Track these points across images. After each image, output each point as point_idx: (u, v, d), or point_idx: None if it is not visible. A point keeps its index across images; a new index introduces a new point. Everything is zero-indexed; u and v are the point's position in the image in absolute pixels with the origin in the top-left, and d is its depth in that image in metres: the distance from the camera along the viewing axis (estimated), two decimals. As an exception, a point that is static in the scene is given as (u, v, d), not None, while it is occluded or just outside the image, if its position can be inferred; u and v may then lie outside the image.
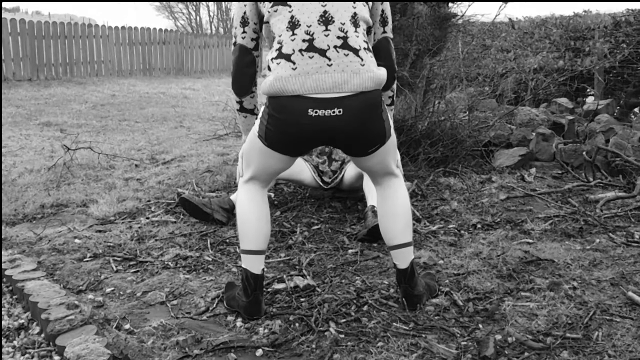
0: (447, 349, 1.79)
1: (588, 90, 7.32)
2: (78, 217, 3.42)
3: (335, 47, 1.81)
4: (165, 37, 13.54)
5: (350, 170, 3.40)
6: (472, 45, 5.35)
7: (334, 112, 1.80)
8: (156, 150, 5.46)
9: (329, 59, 1.80)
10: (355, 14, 1.86)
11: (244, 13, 1.96)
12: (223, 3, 29.95)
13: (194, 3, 30.59)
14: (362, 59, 1.83)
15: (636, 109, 7.31)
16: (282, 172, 3.09)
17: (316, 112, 1.79)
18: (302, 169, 3.45)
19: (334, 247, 2.79)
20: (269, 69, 1.89)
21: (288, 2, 1.85)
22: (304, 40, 1.82)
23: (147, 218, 3.32)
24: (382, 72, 1.88)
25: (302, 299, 2.19)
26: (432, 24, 4.33)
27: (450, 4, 4.38)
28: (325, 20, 1.83)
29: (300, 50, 1.81)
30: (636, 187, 3.57)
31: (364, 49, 1.85)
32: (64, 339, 1.83)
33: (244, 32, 1.97)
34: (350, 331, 1.92)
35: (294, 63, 1.81)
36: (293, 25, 1.83)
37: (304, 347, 1.85)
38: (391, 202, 2.07)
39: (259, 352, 1.83)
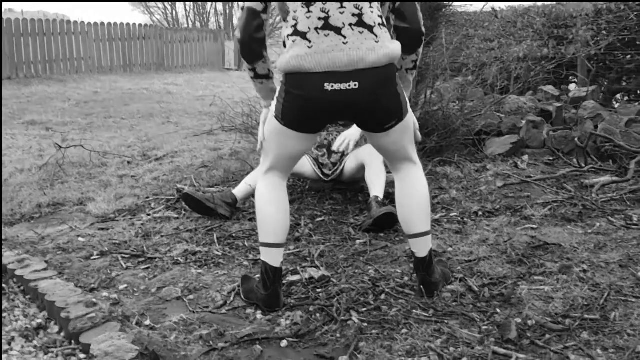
0: (471, 333, 1.82)
1: (571, 77, 7.43)
2: (77, 215, 3.39)
3: (350, 24, 1.83)
4: (145, 33, 13.38)
5: (351, 162, 3.42)
6: (461, 35, 5.40)
7: (349, 86, 1.82)
8: (147, 146, 5.42)
9: (345, 37, 1.82)
10: None
11: None
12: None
13: (170, -3, 30.28)
14: (376, 36, 1.85)
15: (618, 95, 7.45)
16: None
17: (332, 86, 1.82)
18: (302, 162, 3.46)
19: (341, 238, 2.81)
20: (284, 45, 1.89)
21: None
22: (319, 19, 1.83)
23: (149, 215, 3.31)
24: (397, 47, 1.90)
25: (319, 290, 2.21)
26: (424, 14, 4.34)
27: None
28: None
29: (316, 29, 1.83)
30: (629, 171, 3.65)
31: (379, 24, 1.87)
32: (88, 336, 1.83)
33: None
34: (373, 319, 1.95)
35: (309, 41, 1.83)
36: (308, 2, 1.83)
37: (328, 336, 1.87)
38: (410, 191, 2.07)
39: (284, 343, 1.84)
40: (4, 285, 2.38)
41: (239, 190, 3.27)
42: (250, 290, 2.14)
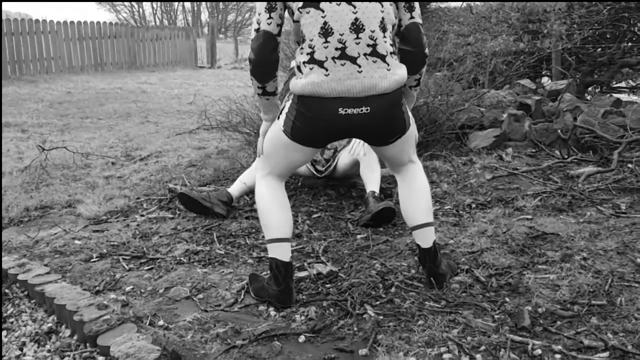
0: (485, 322, 1.87)
1: (545, 71, 7.58)
2: (67, 218, 3.34)
3: (365, 54, 1.91)
4: (116, 31, 13.18)
5: (344, 158, 3.44)
6: (441, 31, 5.46)
7: (362, 110, 1.93)
8: (129, 147, 5.36)
9: (359, 66, 1.91)
10: (383, 18, 1.93)
11: None
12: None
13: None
14: (388, 65, 1.94)
15: (590, 88, 7.63)
16: None
17: (346, 111, 1.92)
18: (295, 159, 3.47)
19: (342, 233, 2.84)
20: (299, 70, 1.96)
21: (320, 6, 1.89)
22: (336, 49, 1.90)
23: (142, 215, 3.28)
24: (404, 72, 1.99)
25: (328, 285, 2.23)
26: (408, 10, 4.40)
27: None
28: (357, 28, 1.90)
29: (333, 58, 1.90)
30: (613, 161, 3.75)
31: (390, 53, 1.96)
32: (105, 338, 1.81)
33: (269, 17, 1.94)
34: (388, 312, 1.98)
35: (326, 70, 1.90)
36: (326, 32, 1.89)
37: (345, 330, 1.89)
38: (411, 185, 2.17)
39: (302, 338, 1.86)
40: (7, 291, 2.34)
41: (234, 189, 3.27)
42: (260, 288, 2.15)
